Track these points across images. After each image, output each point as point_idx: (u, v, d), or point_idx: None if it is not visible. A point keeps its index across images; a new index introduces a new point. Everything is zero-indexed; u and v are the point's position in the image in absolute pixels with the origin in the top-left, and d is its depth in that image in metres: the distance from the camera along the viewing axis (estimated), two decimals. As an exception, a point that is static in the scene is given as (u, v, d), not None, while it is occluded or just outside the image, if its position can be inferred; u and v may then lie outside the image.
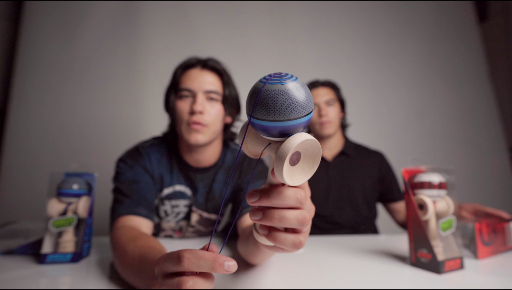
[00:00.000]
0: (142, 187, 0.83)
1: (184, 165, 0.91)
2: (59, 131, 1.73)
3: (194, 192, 0.92)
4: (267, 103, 0.30)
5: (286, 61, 1.87)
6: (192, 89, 0.84)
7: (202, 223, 0.95)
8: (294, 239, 0.35)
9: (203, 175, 0.92)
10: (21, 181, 1.67)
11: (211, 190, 0.92)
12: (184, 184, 0.91)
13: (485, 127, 1.97)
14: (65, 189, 0.76)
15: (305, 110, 0.31)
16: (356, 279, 0.65)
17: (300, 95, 0.30)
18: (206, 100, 0.84)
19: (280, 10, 1.93)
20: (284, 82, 0.30)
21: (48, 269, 0.69)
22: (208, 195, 0.92)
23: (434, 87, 1.98)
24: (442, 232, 0.69)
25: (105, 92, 1.79)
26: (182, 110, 0.84)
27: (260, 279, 0.67)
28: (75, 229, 0.77)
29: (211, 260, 0.33)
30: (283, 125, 0.31)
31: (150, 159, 0.89)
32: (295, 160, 0.32)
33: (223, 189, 0.92)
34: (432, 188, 0.69)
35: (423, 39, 2.01)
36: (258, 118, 0.31)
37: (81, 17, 1.82)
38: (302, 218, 0.33)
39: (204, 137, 0.84)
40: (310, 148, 0.32)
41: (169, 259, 0.35)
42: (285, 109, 0.30)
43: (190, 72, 0.86)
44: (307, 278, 0.67)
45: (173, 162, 0.91)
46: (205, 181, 0.92)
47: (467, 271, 0.68)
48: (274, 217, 0.33)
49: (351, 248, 0.87)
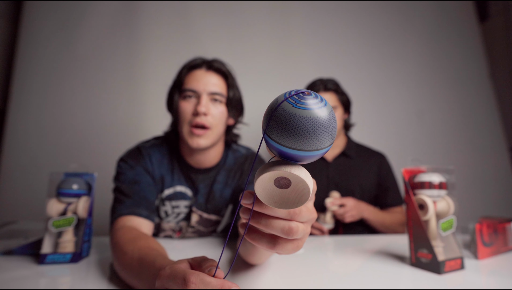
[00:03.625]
0: (142, 187, 0.82)
1: (186, 165, 0.91)
2: (59, 131, 1.73)
3: (195, 192, 0.92)
4: (287, 127, 0.26)
5: (286, 61, 1.87)
6: (197, 90, 0.84)
7: (202, 223, 0.95)
8: (269, 243, 0.34)
9: (204, 175, 0.92)
10: (20, 181, 1.67)
11: (211, 190, 0.92)
12: (185, 185, 0.91)
13: (486, 127, 1.96)
14: (64, 189, 0.76)
15: (328, 142, 0.27)
16: (356, 279, 0.65)
17: (327, 126, 0.26)
18: (210, 101, 0.84)
19: (280, 10, 1.93)
20: (312, 108, 0.26)
21: (47, 269, 0.69)
22: (209, 196, 0.92)
23: (434, 87, 1.97)
24: (443, 232, 0.68)
25: (105, 92, 1.79)
26: (185, 110, 0.84)
27: (260, 279, 0.67)
28: (75, 229, 0.77)
29: (219, 288, 0.33)
30: (297, 154, 0.27)
31: (151, 159, 0.88)
32: (283, 185, 0.30)
33: (224, 189, 0.92)
34: (433, 188, 0.69)
35: (423, 39, 2.01)
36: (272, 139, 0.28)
37: (81, 17, 1.82)
38: (288, 229, 0.32)
39: (206, 141, 0.83)
40: (301, 186, 0.29)
41: (173, 279, 0.35)
42: (306, 140, 0.26)
43: (195, 73, 0.86)
44: (307, 278, 0.66)
45: (174, 162, 0.91)
46: (206, 182, 0.92)
47: (467, 271, 0.67)
48: (260, 222, 0.33)
49: (351, 248, 0.86)
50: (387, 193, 1.23)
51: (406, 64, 1.97)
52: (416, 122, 1.90)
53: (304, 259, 0.78)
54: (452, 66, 2.00)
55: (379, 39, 1.97)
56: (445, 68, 2.00)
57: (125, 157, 0.88)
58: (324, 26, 1.92)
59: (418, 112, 1.91)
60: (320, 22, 1.93)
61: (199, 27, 1.88)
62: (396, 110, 1.91)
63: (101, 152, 1.66)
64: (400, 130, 1.85)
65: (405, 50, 1.98)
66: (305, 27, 1.92)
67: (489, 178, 1.89)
